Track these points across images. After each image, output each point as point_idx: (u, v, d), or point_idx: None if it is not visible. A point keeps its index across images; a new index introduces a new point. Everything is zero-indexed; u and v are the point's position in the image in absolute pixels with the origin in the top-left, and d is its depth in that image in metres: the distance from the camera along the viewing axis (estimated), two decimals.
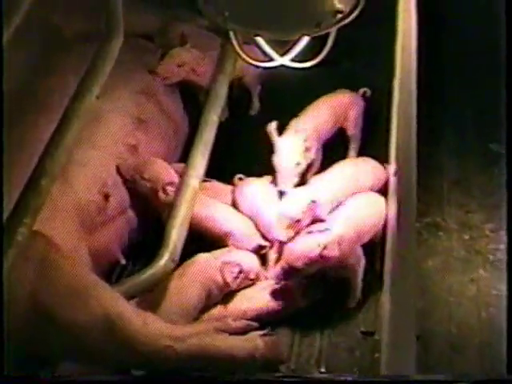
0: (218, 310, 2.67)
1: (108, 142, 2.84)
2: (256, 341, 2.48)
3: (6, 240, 2.11)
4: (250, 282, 2.74)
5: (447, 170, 3.17)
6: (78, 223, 2.62)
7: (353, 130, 3.15)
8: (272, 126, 2.99)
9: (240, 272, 2.70)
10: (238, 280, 2.70)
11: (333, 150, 3.13)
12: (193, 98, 3.28)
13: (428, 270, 2.82)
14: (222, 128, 3.02)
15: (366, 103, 3.22)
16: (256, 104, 3.45)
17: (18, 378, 2.05)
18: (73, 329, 2.27)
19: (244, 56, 2.43)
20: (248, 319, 2.61)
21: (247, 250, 2.80)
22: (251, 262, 2.76)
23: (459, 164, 3.20)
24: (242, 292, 2.72)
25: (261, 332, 2.56)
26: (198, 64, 3.22)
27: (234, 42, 2.41)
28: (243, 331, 2.56)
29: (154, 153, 2.96)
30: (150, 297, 2.58)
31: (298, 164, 2.92)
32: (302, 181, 2.98)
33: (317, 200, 2.73)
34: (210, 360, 2.38)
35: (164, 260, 2.52)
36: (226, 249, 2.79)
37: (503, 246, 2.89)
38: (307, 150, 2.95)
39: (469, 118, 3.39)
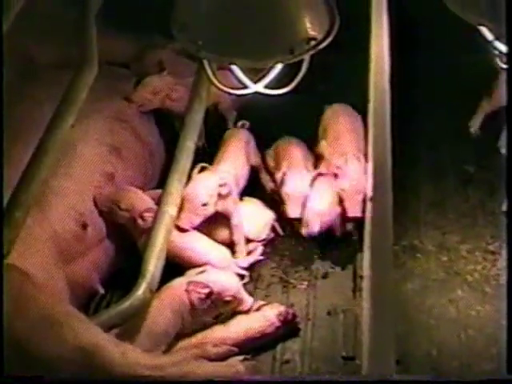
0: (196, 338, 2.62)
1: (84, 171, 2.82)
2: (237, 366, 2.46)
3: None
4: (228, 304, 2.65)
5: (423, 193, 3.19)
6: (55, 254, 2.59)
7: (254, 160, 3.19)
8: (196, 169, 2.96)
9: (210, 294, 2.61)
10: (208, 302, 2.61)
11: None
12: (168, 124, 3.28)
13: (407, 292, 2.82)
14: (198, 154, 3.02)
15: None
16: None
17: (18, 378, 2.03)
18: (49, 361, 2.23)
19: (217, 84, 2.42)
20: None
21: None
22: (227, 282, 2.67)
23: (435, 186, 3.22)
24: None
25: (241, 357, 2.54)
26: (173, 91, 3.21)
27: (208, 70, 2.40)
28: (223, 357, 2.53)
29: (130, 180, 2.95)
30: (127, 324, 2.53)
31: (205, 205, 2.85)
32: None
33: None
34: None
35: (142, 290, 2.50)
36: (200, 269, 2.70)
37: (480, 267, 2.91)
38: (221, 196, 2.90)
39: (443, 140, 3.40)
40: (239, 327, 2.66)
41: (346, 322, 2.74)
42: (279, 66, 2.33)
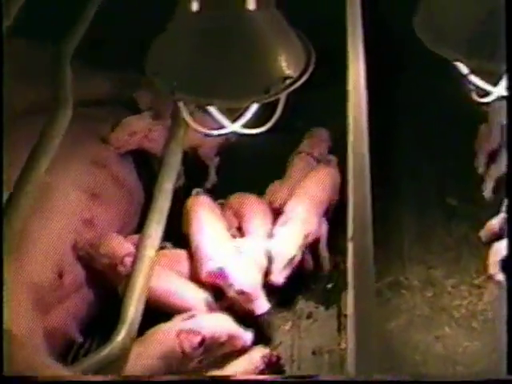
0: None
1: (62, 218, 2.79)
2: None
3: None
4: (224, 345, 2.61)
5: (406, 226, 3.17)
6: (32, 303, 2.54)
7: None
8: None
9: (203, 340, 2.57)
10: (201, 349, 2.57)
11: None
12: (147, 164, 3.27)
13: (392, 330, 2.79)
14: (178, 194, 3.01)
15: None
16: (213, 177, 3.41)
17: (18, 379, 2.02)
18: None
19: (194, 125, 2.40)
20: None
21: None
22: (219, 325, 2.64)
23: (418, 219, 3.20)
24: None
25: None
26: (150, 131, 3.21)
27: (184, 112, 2.38)
28: None
29: (109, 225, 2.93)
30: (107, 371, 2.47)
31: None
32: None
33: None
34: None
35: (121, 336, 2.46)
36: (189, 313, 2.66)
37: (466, 302, 2.89)
38: None
39: (426, 171, 3.39)
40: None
41: (332, 362, 2.71)
42: (256, 106, 2.33)
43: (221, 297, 2.83)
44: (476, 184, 3.23)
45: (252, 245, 2.92)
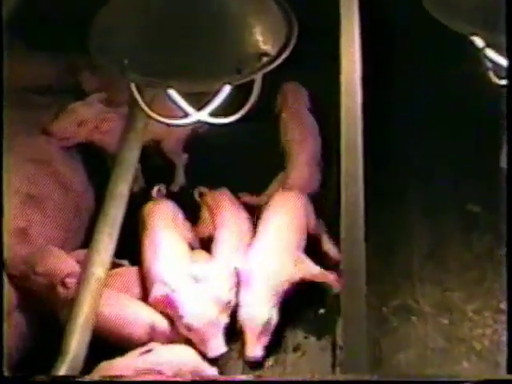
0: None
1: None
2: None
3: None
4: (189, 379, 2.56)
5: (416, 240, 3.15)
6: None
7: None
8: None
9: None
10: None
11: None
12: (99, 162, 3.23)
13: (399, 365, 2.77)
14: (135, 200, 2.97)
15: None
16: (180, 178, 3.36)
17: (18, 379, 2.14)
18: None
19: (150, 112, 2.36)
20: None
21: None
22: (180, 357, 2.68)
23: (430, 230, 3.18)
24: None
25: None
26: (103, 121, 3.16)
27: (137, 96, 2.33)
28: None
29: (48, 236, 2.91)
30: None
31: None
32: None
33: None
34: None
35: (62, 373, 2.40)
36: (146, 348, 2.69)
37: (489, 332, 2.86)
38: None
39: (437, 171, 3.39)
40: None
41: None
42: (227, 89, 2.27)
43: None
44: (502, 186, 3.21)
45: (214, 273, 2.89)
